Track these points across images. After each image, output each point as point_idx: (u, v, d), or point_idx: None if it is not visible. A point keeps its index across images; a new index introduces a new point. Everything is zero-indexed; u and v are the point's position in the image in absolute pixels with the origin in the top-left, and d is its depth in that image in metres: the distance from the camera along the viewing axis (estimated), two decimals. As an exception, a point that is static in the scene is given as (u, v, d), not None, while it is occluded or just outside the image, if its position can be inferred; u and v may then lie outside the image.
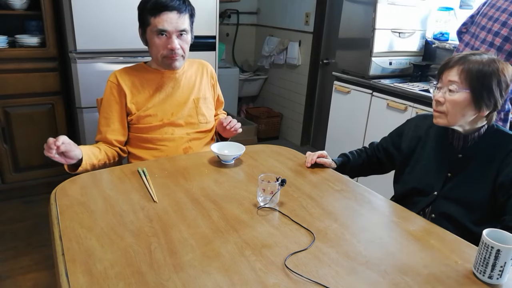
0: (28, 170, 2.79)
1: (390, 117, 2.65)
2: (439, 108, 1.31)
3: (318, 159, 1.55)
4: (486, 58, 1.26)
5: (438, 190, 1.38)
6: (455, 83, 1.26)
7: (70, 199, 1.23)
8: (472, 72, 1.24)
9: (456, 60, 1.28)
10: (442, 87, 1.31)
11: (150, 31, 1.61)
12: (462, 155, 1.35)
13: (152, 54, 1.67)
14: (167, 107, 1.72)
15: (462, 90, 1.26)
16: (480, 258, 0.96)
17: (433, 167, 1.41)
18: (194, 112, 1.77)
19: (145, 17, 1.61)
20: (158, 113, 1.71)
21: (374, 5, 2.70)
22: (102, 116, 1.69)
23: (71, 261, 0.94)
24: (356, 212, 1.27)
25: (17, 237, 2.43)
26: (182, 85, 1.75)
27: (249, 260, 0.99)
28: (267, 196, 1.24)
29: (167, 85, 1.73)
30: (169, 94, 1.73)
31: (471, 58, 1.26)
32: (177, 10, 1.57)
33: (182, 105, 1.75)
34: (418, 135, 1.48)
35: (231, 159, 1.55)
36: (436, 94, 1.33)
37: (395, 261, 1.02)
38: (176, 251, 1.00)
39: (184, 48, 1.65)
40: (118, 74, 1.70)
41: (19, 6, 2.54)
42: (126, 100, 1.68)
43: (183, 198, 1.27)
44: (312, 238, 1.09)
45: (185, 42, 1.64)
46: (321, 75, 4.01)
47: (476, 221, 1.30)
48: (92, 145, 1.65)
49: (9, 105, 2.60)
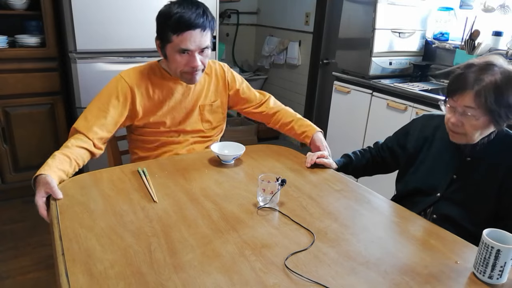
0: (28, 170, 2.77)
1: (390, 117, 2.65)
2: (457, 130, 1.26)
3: (318, 160, 1.54)
4: (498, 72, 1.18)
5: (442, 192, 1.37)
6: (472, 109, 1.20)
7: (70, 199, 1.22)
8: (489, 95, 1.17)
9: (469, 82, 1.20)
10: (456, 108, 1.24)
11: (171, 48, 1.51)
12: (470, 158, 1.34)
13: (171, 67, 1.59)
14: (176, 115, 1.69)
15: (480, 116, 1.20)
16: (480, 258, 0.96)
17: (439, 168, 1.40)
18: (199, 118, 1.74)
19: (166, 33, 1.49)
20: (166, 120, 1.67)
21: (374, 5, 2.70)
22: (96, 106, 1.55)
23: (71, 261, 0.94)
24: (356, 212, 1.27)
25: (17, 237, 2.43)
26: (191, 92, 1.70)
27: (249, 260, 0.99)
28: (267, 196, 1.24)
29: (178, 92, 1.67)
30: (179, 102, 1.68)
31: (484, 77, 1.18)
32: (200, 28, 1.48)
33: (189, 113, 1.71)
34: (425, 135, 1.46)
35: (231, 159, 1.55)
36: (450, 115, 1.27)
37: (395, 261, 1.02)
38: (176, 251, 1.00)
39: (204, 63, 1.58)
40: (133, 76, 1.60)
41: (19, 6, 2.53)
42: (135, 104, 1.60)
43: (183, 198, 1.27)
44: (312, 238, 1.09)
45: (206, 57, 1.57)
46: (321, 75, 4.00)
47: (478, 223, 1.29)
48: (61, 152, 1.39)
49: (9, 105, 2.59)
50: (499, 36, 2.54)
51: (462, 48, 2.66)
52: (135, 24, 2.62)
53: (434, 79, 2.89)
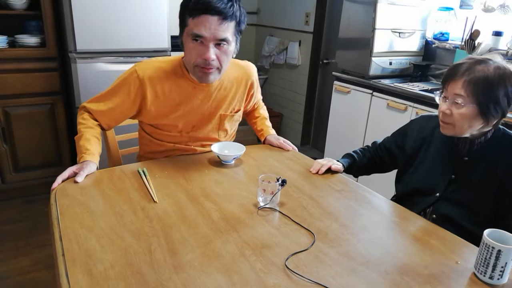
0: (28, 170, 2.79)
1: (390, 117, 2.65)
2: (446, 119, 1.28)
3: (325, 168, 1.51)
4: (492, 67, 1.20)
5: (441, 192, 1.37)
6: (461, 97, 1.22)
7: (70, 199, 1.22)
8: (478, 85, 1.19)
9: (461, 71, 1.23)
10: (448, 97, 1.27)
11: (186, 34, 1.38)
12: (468, 158, 1.34)
13: (186, 59, 1.47)
14: (190, 120, 1.58)
15: (468, 104, 1.22)
16: (481, 259, 0.96)
17: (437, 168, 1.40)
18: (216, 127, 1.64)
19: (184, 16, 1.37)
20: (179, 124, 1.57)
21: (374, 5, 2.70)
22: (108, 95, 1.52)
23: (71, 261, 0.94)
24: (356, 212, 1.27)
25: (17, 237, 2.43)
26: (212, 99, 1.56)
27: (249, 260, 0.98)
28: (268, 196, 1.23)
29: (197, 97, 1.53)
30: (196, 107, 1.55)
31: (477, 68, 1.21)
32: (220, 14, 1.31)
33: (206, 120, 1.60)
34: (423, 136, 1.46)
35: (232, 159, 1.55)
36: (442, 105, 1.30)
37: (395, 261, 1.02)
38: (176, 251, 1.00)
39: (221, 60, 1.40)
40: (149, 72, 1.48)
41: (19, 6, 2.54)
42: (146, 103, 1.50)
43: (183, 198, 1.27)
44: (312, 238, 1.09)
45: (224, 53, 1.39)
46: (321, 75, 4.00)
47: (477, 223, 1.29)
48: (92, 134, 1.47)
49: (9, 105, 2.59)
50: (499, 36, 2.54)
51: (462, 48, 2.66)
52: (135, 24, 2.62)
53: (434, 79, 2.89)
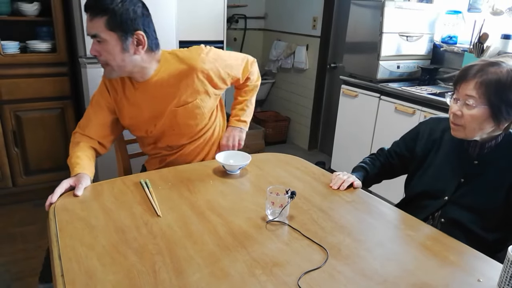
0: (39, 173, 2.81)
1: (398, 120, 2.61)
2: (456, 121, 1.25)
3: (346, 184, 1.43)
4: (505, 69, 1.18)
5: (450, 195, 1.34)
6: (472, 98, 1.20)
7: (70, 214, 1.17)
8: (490, 86, 1.17)
9: (473, 72, 1.21)
10: (459, 99, 1.25)
11: None
12: (478, 161, 1.31)
13: None
14: (144, 119, 1.56)
15: (480, 105, 1.19)
16: (505, 276, 0.90)
17: (446, 171, 1.37)
18: (175, 122, 1.57)
19: None
20: (139, 124, 1.58)
21: (381, 9, 2.66)
22: (90, 105, 1.58)
23: (71, 283, 0.89)
24: (370, 225, 1.21)
25: (27, 240, 2.42)
26: (154, 96, 1.52)
27: (260, 280, 0.93)
28: (276, 209, 1.18)
29: (138, 95, 1.54)
30: (140, 104, 1.54)
31: (490, 69, 1.19)
32: (87, 10, 1.34)
33: (158, 119, 1.56)
34: (433, 138, 1.43)
35: (237, 169, 1.50)
36: (453, 107, 1.27)
37: (414, 280, 0.96)
38: (182, 271, 0.95)
39: (104, 56, 1.39)
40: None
41: (30, 13, 2.57)
42: (112, 100, 1.55)
43: (187, 211, 1.22)
44: (325, 254, 1.03)
45: (103, 50, 1.37)
46: (328, 79, 3.97)
47: (486, 227, 1.27)
48: (82, 153, 1.47)
49: (20, 109, 2.62)
50: (508, 39, 2.49)
51: (470, 51, 2.61)
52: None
53: (443, 83, 2.84)
